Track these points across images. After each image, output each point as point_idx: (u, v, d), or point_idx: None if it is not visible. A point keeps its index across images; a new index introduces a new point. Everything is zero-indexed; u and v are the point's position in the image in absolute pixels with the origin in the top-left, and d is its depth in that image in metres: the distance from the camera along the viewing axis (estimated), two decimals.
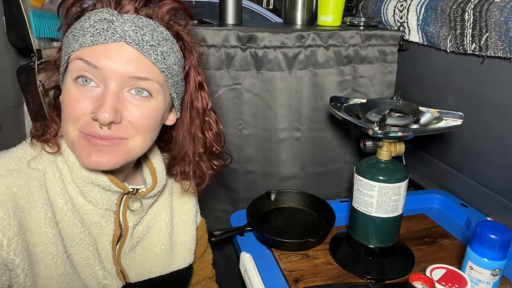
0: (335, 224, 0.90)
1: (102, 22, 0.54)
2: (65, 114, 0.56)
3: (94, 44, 0.53)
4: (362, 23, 1.12)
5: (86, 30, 0.54)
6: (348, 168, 1.16)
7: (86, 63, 0.54)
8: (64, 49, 0.57)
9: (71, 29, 0.56)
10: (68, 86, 0.55)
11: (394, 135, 0.72)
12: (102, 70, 0.54)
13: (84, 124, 0.54)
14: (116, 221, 0.64)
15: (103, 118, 0.52)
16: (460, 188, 1.03)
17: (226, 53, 0.97)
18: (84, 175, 0.59)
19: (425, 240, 0.88)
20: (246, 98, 1.02)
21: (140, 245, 0.68)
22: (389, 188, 0.74)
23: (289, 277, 0.77)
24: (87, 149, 0.55)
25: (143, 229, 0.68)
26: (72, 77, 0.54)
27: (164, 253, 0.70)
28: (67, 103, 0.55)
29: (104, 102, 0.53)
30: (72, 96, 0.54)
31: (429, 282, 0.62)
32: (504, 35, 0.78)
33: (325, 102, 1.07)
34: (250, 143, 1.06)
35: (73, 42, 0.55)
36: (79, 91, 0.54)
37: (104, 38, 0.53)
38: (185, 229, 0.75)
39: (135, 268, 0.67)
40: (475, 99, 0.91)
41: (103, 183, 0.59)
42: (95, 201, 0.61)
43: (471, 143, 0.96)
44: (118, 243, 0.65)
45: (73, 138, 0.56)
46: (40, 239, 0.56)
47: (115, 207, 0.63)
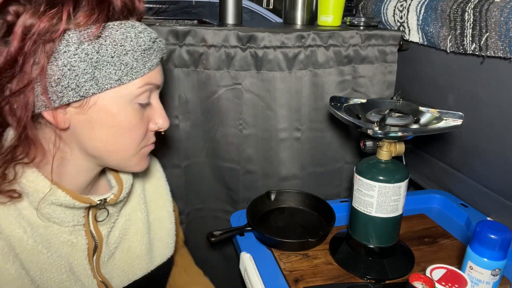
0: (335, 224, 0.90)
1: (155, 41, 0.56)
2: (125, 139, 0.57)
3: (157, 65, 0.57)
4: (362, 23, 1.12)
5: (148, 52, 0.54)
6: (348, 168, 1.16)
7: (154, 86, 0.58)
8: (110, 69, 0.51)
9: (116, 47, 0.51)
10: (127, 111, 0.55)
11: (394, 135, 0.72)
12: (159, 88, 0.60)
13: (147, 139, 0.61)
14: (87, 234, 0.61)
15: (167, 126, 0.62)
16: (460, 188, 1.03)
17: (226, 53, 0.97)
18: (42, 197, 0.54)
19: (425, 240, 0.88)
20: (246, 98, 1.02)
21: (119, 250, 0.66)
22: (389, 188, 0.74)
23: (289, 277, 0.77)
24: (144, 159, 0.62)
25: (119, 234, 0.66)
26: (138, 101, 0.56)
27: (145, 253, 0.69)
28: (129, 128, 0.56)
29: (162, 112, 0.61)
30: (135, 121, 0.56)
31: (429, 282, 0.62)
32: (504, 35, 0.78)
33: (325, 102, 1.07)
34: (250, 143, 1.06)
35: (137, 65, 0.53)
36: (139, 113, 0.57)
37: (160, 58, 0.58)
38: (161, 225, 0.74)
39: (118, 275, 0.65)
40: (475, 99, 0.91)
41: (65, 202, 0.56)
42: (60, 221, 0.57)
43: (471, 143, 0.97)
44: (94, 254, 0.62)
45: (134, 154, 0.59)
46: (2, 277, 0.53)
47: (84, 220, 0.60)
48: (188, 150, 1.06)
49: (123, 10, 0.53)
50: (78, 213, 0.59)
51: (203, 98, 1.01)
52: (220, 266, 1.18)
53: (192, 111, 1.03)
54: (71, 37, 0.49)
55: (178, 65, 0.98)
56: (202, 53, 0.96)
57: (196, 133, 1.05)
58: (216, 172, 1.10)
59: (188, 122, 1.03)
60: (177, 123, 1.03)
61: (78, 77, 0.50)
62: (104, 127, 0.54)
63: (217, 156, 1.07)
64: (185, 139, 1.05)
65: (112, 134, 0.55)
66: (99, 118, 0.53)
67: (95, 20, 0.50)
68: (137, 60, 0.53)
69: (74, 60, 0.49)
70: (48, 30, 0.48)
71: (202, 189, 1.10)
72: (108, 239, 0.64)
